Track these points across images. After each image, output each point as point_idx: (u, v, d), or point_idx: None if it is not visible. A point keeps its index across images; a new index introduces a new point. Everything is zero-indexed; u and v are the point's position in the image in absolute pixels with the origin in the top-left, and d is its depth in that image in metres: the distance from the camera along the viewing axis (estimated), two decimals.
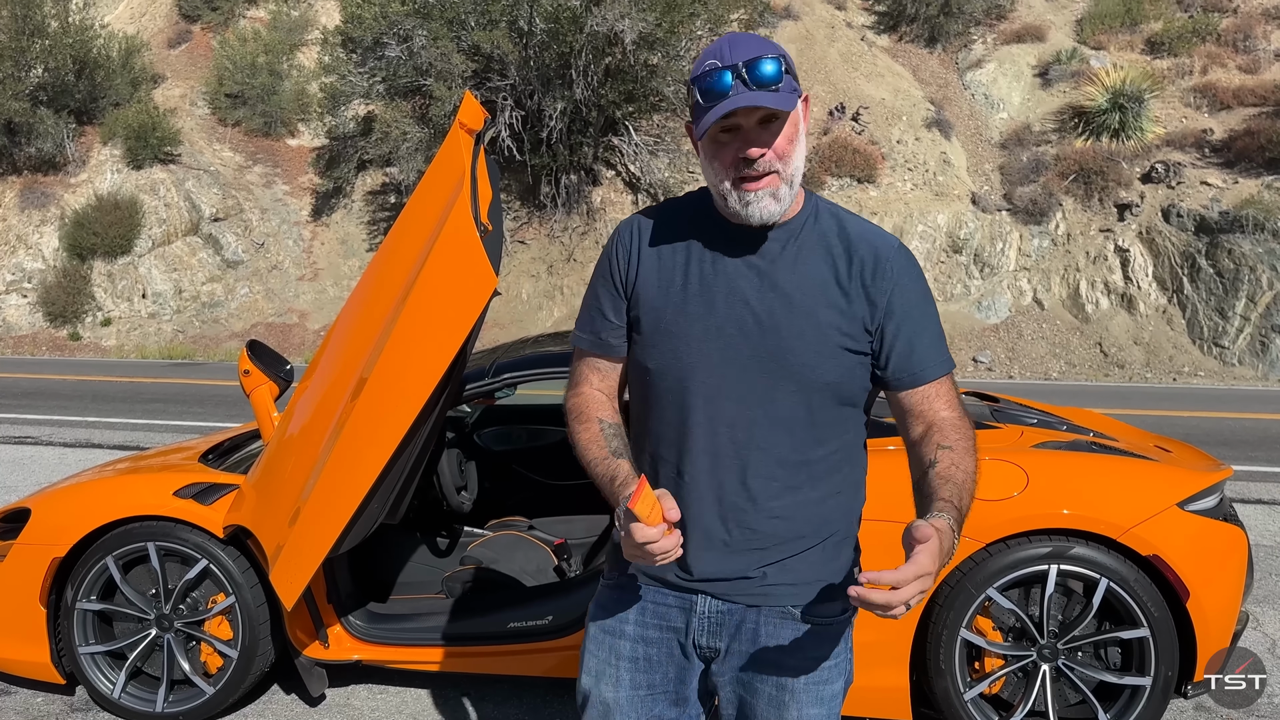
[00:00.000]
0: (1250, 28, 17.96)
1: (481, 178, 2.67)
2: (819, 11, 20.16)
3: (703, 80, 1.49)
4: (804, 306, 1.57)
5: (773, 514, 1.61)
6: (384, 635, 3.25)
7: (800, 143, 1.56)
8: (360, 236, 19.15)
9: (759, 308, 1.57)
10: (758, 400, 1.58)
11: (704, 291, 1.60)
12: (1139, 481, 2.94)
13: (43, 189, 19.50)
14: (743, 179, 1.52)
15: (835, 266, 1.59)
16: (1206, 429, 8.94)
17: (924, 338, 1.62)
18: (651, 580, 1.68)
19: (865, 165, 16.74)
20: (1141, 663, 2.84)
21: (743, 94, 1.47)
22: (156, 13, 24.63)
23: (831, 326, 1.57)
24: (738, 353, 1.58)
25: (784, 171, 1.53)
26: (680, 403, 1.62)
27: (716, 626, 1.65)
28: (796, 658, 1.61)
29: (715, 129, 1.52)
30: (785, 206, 1.55)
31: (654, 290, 1.64)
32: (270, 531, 2.88)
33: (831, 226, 1.63)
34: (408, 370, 2.54)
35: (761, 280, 1.59)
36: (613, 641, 1.70)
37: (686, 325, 1.60)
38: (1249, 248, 14.22)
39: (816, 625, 1.63)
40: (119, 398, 11.28)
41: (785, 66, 1.50)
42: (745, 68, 1.47)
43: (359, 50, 17.10)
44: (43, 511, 3.31)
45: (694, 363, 1.60)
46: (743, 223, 1.57)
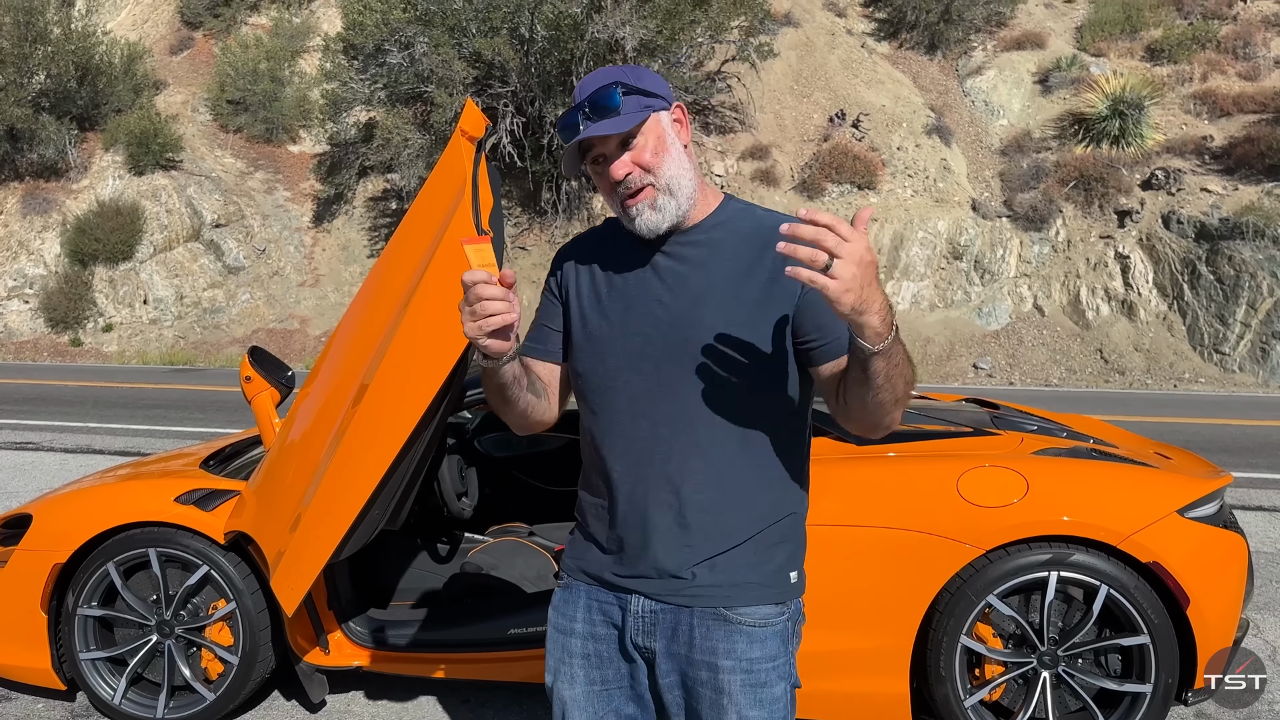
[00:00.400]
0: (1250, 35, 18.00)
1: (483, 185, 2.67)
2: (819, 19, 20.21)
3: (560, 124, 1.64)
4: (715, 301, 1.63)
5: (699, 508, 1.63)
6: (384, 642, 3.25)
7: (671, 153, 1.64)
8: (361, 243, 19.17)
9: (674, 307, 1.65)
10: (677, 396, 1.63)
11: (624, 297, 1.70)
12: (1139, 488, 2.95)
13: (45, 195, 19.54)
14: (624, 198, 1.64)
15: (749, 259, 1.64)
16: (1207, 435, 8.94)
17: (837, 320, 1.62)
18: (591, 580, 1.74)
19: (865, 172, 16.77)
20: (1142, 670, 2.84)
21: (587, 127, 1.59)
22: (159, 19, 24.70)
23: (744, 318, 1.61)
24: (655, 350, 1.65)
25: (657, 182, 1.62)
26: (606, 403, 1.70)
27: (650, 627, 1.68)
28: (731, 660, 1.62)
29: (588, 164, 1.67)
30: (671, 213, 1.64)
31: (583, 302, 1.76)
32: (271, 537, 2.88)
33: (745, 222, 1.70)
34: (409, 377, 2.55)
35: (675, 280, 1.67)
36: (565, 640, 1.76)
37: (608, 330, 1.70)
38: (1249, 254, 14.23)
39: (752, 627, 1.64)
40: (120, 403, 11.29)
41: (626, 89, 1.60)
42: (588, 103, 1.59)
43: (361, 57, 17.14)
44: (44, 517, 3.32)
45: (616, 364, 1.68)
46: (644, 236, 1.67)
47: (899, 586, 2.89)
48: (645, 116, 1.61)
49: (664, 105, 1.65)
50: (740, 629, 1.63)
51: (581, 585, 1.75)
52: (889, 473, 3.03)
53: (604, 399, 1.70)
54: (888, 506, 2.92)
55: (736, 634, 1.63)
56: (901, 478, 3.00)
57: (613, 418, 1.69)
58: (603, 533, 1.72)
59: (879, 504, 2.92)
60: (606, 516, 1.71)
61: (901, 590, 2.89)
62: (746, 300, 1.62)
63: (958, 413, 3.88)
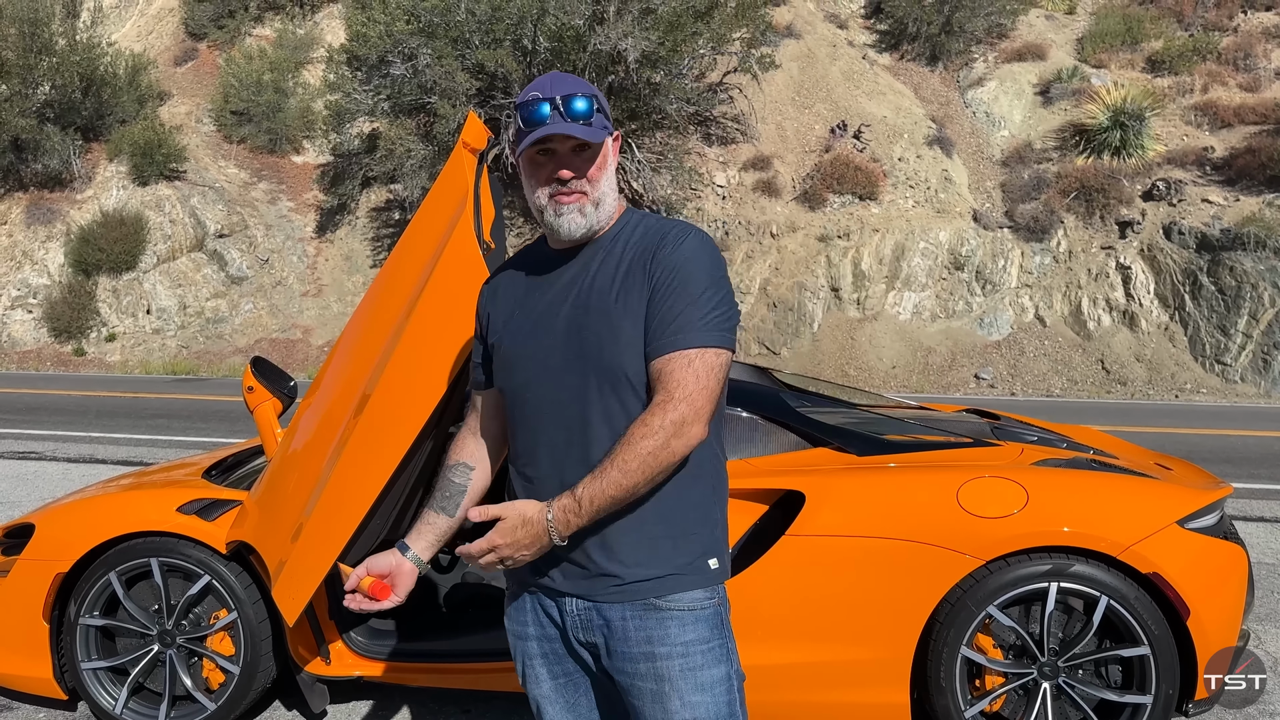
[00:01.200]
0: (1250, 46, 18.05)
1: (485, 196, 2.69)
2: (821, 30, 20.28)
3: (525, 109, 1.71)
4: (600, 306, 1.72)
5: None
6: (385, 651, 3.25)
7: (609, 172, 1.78)
8: (364, 253, 19.22)
9: (568, 316, 1.75)
10: (579, 400, 1.71)
11: (530, 313, 1.81)
12: (1139, 499, 2.95)
13: (49, 205, 19.60)
14: (557, 194, 1.73)
15: (630, 263, 1.74)
16: (1209, 446, 8.93)
17: (670, 306, 1.68)
18: (530, 588, 1.82)
19: (867, 183, 16.80)
20: (1142, 681, 2.84)
21: (558, 123, 1.69)
22: (163, 31, 24.82)
23: (624, 318, 1.70)
24: (555, 359, 1.74)
25: (591, 193, 1.74)
26: (522, 415, 1.80)
27: (587, 624, 1.75)
28: (666, 645, 1.69)
29: (533, 151, 1.74)
30: (592, 223, 1.75)
31: (499, 324, 1.88)
32: (273, 547, 2.89)
33: (638, 231, 1.79)
34: (411, 387, 2.56)
35: (574, 291, 1.77)
36: (523, 645, 1.86)
37: (519, 345, 1.81)
38: (1250, 265, 14.24)
39: (682, 612, 1.70)
40: (123, 413, 11.31)
41: (597, 106, 1.73)
42: (562, 102, 1.69)
43: (364, 68, 17.21)
44: (46, 527, 3.32)
45: (527, 378, 1.78)
46: (557, 238, 1.79)
47: (899, 597, 2.89)
48: (605, 136, 1.74)
49: (611, 131, 1.78)
50: (671, 615, 1.70)
51: (524, 594, 1.84)
52: (889, 483, 3.03)
53: (520, 412, 1.80)
54: (888, 517, 2.92)
55: (668, 620, 1.70)
56: (901, 488, 3.00)
57: (529, 429, 1.78)
58: None
59: (879, 514, 2.93)
60: None
61: (902, 601, 2.90)
62: (624, 301, 1.70)
63: (958, 423, 3.88)
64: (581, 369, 1.71)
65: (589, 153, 1.74)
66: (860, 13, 21.59)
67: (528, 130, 1.71)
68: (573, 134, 1.68)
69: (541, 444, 1.76)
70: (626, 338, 1.69)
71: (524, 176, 1.80)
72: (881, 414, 3.72)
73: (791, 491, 2.96)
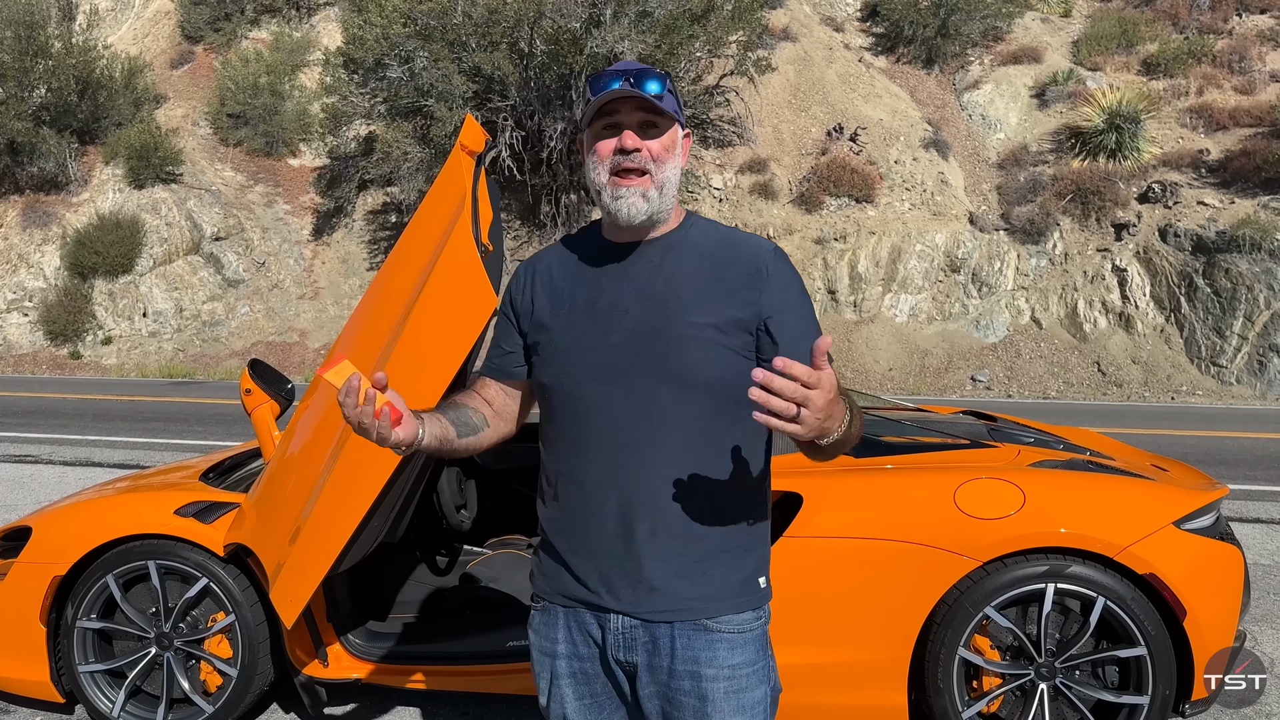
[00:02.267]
0: (1245, 49, 18.10)
1: (482, 199, 2.70)
2: (817, 33, 20.31)
3: (595, 81, 1.66)
4: (679, 310, 1.65)
5: (673, 517, 1.64)
6: (383, 654, 3.25)
7: (676, 161, 1.70)
8: (361, 255, 19.21)
9: (638, 315, 1.66)
10: (646, 405, 1.64)
11: (589, 308, 1.71)
12: (1135, 500, 2.96)
13: (45, 208, 19.58)
14: (619, 172, 1.64)
15: (712, 271, 1.68)
16: (1205, 448, 8.95)
17: (805, 334, 1.66)
18: (570, 602, 1.73)
19: (863, 185, 16.82)
20: (1139, 681, 2.84)
21: (628, 90, 1.62)
22: (159, 34, 24.81)
23: (709, 326, 1.63)
24: (622, 360, 1.65)
25: (656, 175, 1.66)
26: (575, 415, 1.70)
27: (631, 642, 1.68)
28: (714, 668, 1.64)
29: (598, 125, 1.66)
30: (654, 209, 1.66)
31: (546, 314, 1.76)
32: (270, 550, 2.89)
33: (708, 236, 1.75)
34: (409, 389, 2.55)
35: (641, 289, 1.69)
36: (550, 662, 1.76)
37: (574, 340, 1.70)
38: (1246, 267, 14.27)
39: (731, 634, 1.66)
40: (119, 416, 11.29)
41: (670, 89, 1.67)
42: (635, 75, 1.63)
43: (360, 71, 17.21)
44: (43, 530, 3.32)
45: (583, 375, 1.68)
46: (615, 224, 1.69)
47: (897, 598, 2.90)
48: (675, 120, 1.68)
49: (684, 122, 1.72)
50: (720, 637, 1.65)
51: (558, 608, 1.74)
52: (886, 485, 3.04)
53: (573, 412, 1.70)
54: (885, 518, 2.93)
55: (718, 642, 1.65)
56: (899, 490, 3.01)
57: (583, 430, 1.69)
58: (573, 546, 1.71)
59: (876, 516, 2.93)
60: (578, 534, 1.70)
61: (899, 602, 2.90)
62: (710, 309, 1.64)
63: (955, 425, 3.89)
64: (653, 371, 1.64)
65: (656, 131, 1.66)
66: (856, 16, 21.63)
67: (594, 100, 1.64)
68: (643, 93, 1.61)
69: (596, 444, 1.67)
70: (712, 343, 1.63)
71: (585, 156, 1.71)
72: (878, 415, 3.72)
73: (789, 493, 2.96)
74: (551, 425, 1.75)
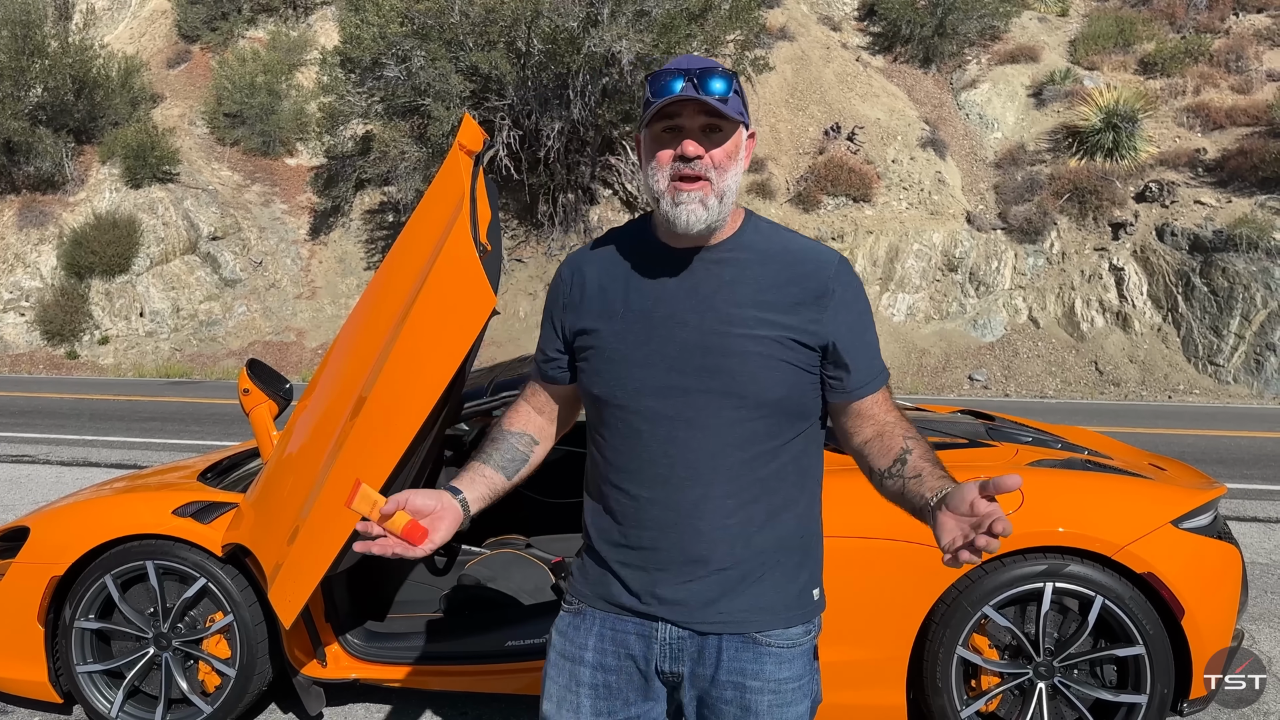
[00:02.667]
0: (1242, 48, 18.12)
1: (480, 198, 2.69)
2: (814, 33, 20.31)
3: (656, 81, 1.56)
4: (742, 325, 1.58)
5: (729, 532, 1.60)
6: (381, 654, 3.25)
7: (738, 166, 1.60)
8: (358, 255, 19.20)
9: (699, 328, 1.60)
10: (705, 421, 1.59)
11: (644, 317, 1.63)
12: (1133, 499, 2.96)
13: (41, 208, 19.55)
14: (679, 179, 1.56)
15: (776, 284, 1.61)
16: (1202, 447, 8.96)
17: (871, 350, 1.67)
18: (612, 608, 1.68)
19: (861, 184, 16.83)
20: (1137, 680, 2.85)
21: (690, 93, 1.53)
22: (156, 33, 24.77)
23: (771, 342, 1.58)
24: (681, 375, 1.59)
25: (716, 183, 1.56)
26: (629, 428, 1.64)
27: (678, 652, 1.64)
28: (760, 680, 1.61)
29: (658, 128, 1.58)
30: (713, 217, 1.58)
31: (596, 319, 1.68)
32: (269, 550, 2.88)
33: (770, 244, 1.66)
34: (407, 389, 2.56)
35: (701, 301, 1.61)
36: (572, 668, 1.70)
37: (628, 351, 1.63)
38: (1243, 266, 14.29)
39: (780, 649, 1.63)
40: (116, 416, 11.28)
41: (736, 89, 1.56)
42: (698, 76, 1.53)
43: (357, 70, 17.19)
44: (41, 530, 3.32)
45: (638, 388, 1.62)
46: (673, 232, 1.60)
47: (895, 597, 2.90)
48: (739, 122, 1.58)
49: (747, 124, 1.63)
50: (769, 651, 1.62)
51: (596, 612, 1.70)
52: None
53: (627, 424, 1.64)
54: (883, 517, 2.92)
55: (765, 656, 1.62)
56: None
57: (637, 443, 1.63)
58: (627, 559, 1.66)
59: (875, 515, 2.93)
60: (631, 542, 1.65)
61: (898, 601, 2.90)
62: (773, 323, 1.58)
63: (953, 424, 3.90)
64: (712, 387, 1.58)
65: (720, 135, 1.56)
66: (854, 15, 21.64)
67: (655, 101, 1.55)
68: (706, 99, 1.51)
69: (651, 461, 1.62)
70: (777, 359, 1.57)
71: (643, 159, 1.63)
72: None
73: None
74: (603, 437, 1.69)
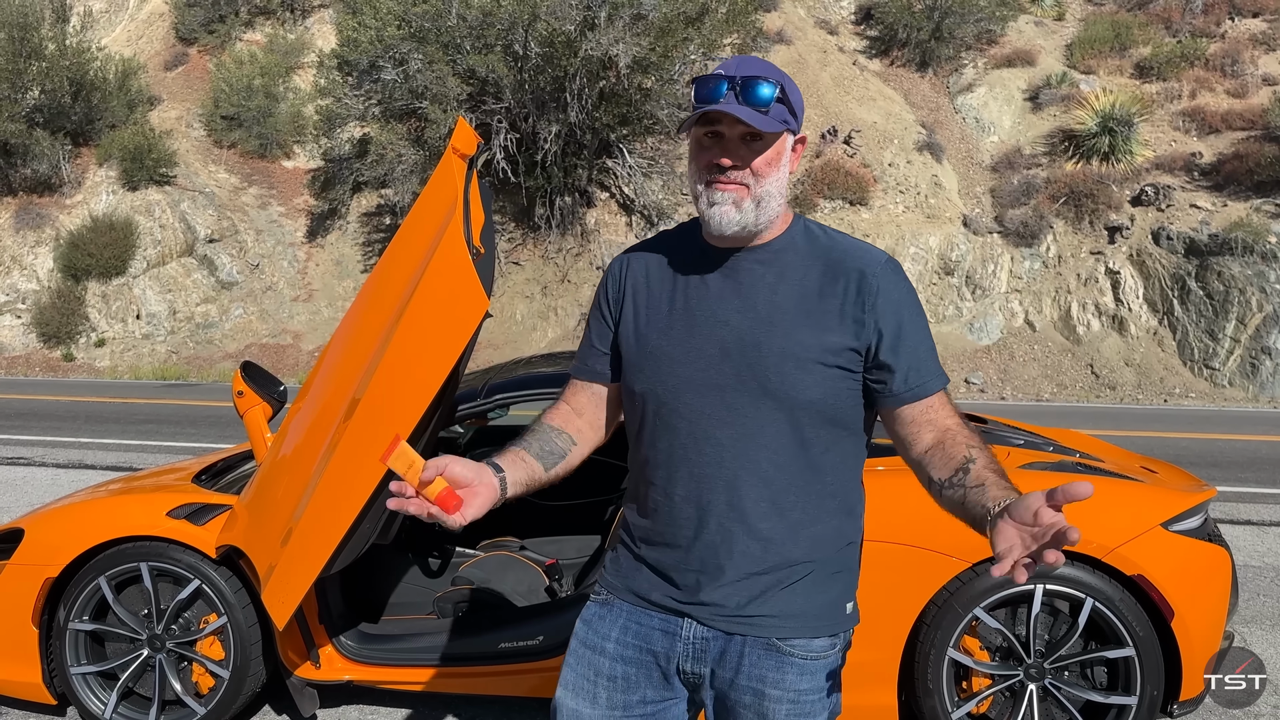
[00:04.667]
0: (1238, 52, 18.16)
1: (474, 201, 2.71)
2: (811, 36, 20.35)
3: (701, 84, 1.56)
4: (784, 326, 1.58)
5: (761, 536, 1.59)
6: (375, 655, 3.26)
7: (780, 173, 1.60)
8: (355, 257, 19.19)
9: (740, 328, 1.60)
10: (742, 421, 1.59)
11: (686, 315, 1.64)
12: (1124, 502, 2.98)
13: (38, 210, 19.54)
14: (714, 179, 1.57)
15: (819, 285, 1.61)
16: (1197, 450, 8.99)
17: (920, 352, 1.62)
18: (640, 601, 1.68)
19: (857, 187, 16.86)
20: (1127, 682, 2.86)
21: (730, 104, 1.52)
22: (153, 35, 24.78)
23: (814, 345, 1.57)
24: (720, 374, 1.59)
25: (754, 188, 1.57)
26: (666, 425, 1.64)
27: (700, 653, 1.64)
28: (780, 690, 1.59)
29: (700, 132, 1.59)
30: (747, 221, 1.58)
31: (641, 317, 1.70)
32: (262, 552, 2.89)
33: (816, 246, 1.65)
34: (400, 392, 2.57)
35: (743, 301, 1.61)
36: (593, 657, 1.70)
37: (669, 348, 1.64)
38: (1238, 270, 14.32)
39: (804, 659, 1.61)
40: (112, 418, 11.27)
41: (781, 96, 1.56)
42: (742, 83, 1.53)
43: (355, 73, 17.20)
44: (36, 532, 3.32)
45: (678, 385, 1.62)
46: (709, 231, 1.63)
47: (887, 599, 2.91)
48: (781, 131, 1.58)
49: (795, 128, 1.62)
50: (791, 660, 1.60)
51: (624, 605, 1.70)
52: (877, 486, 3.03)
53: (665, 421, 1.64)
54: (875, 520, 2.92)
55: (787, 665, 1.60)
56: (889, 491, 3.01)
57: (674, 441, 1.63)
58: (659, 556, 1.67)
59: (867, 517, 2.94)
60: (664, 540, 1.66)
61: (889, 603, 2.91)
62: (816, 326, 1.58)
63: None
64: (751, 388, 1.57)
65: (760, 144, 1.56)
66: (850, 19, 21.67)
67: (698, 106, 1.55)
68: (739, 116, 1.50)
69: (685, 459, 1.62)
70: (815, 362, 1.56)
71: (689, 159, 1.64)
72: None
73: None
74: (641, 434, 1.69)
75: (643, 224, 17.39)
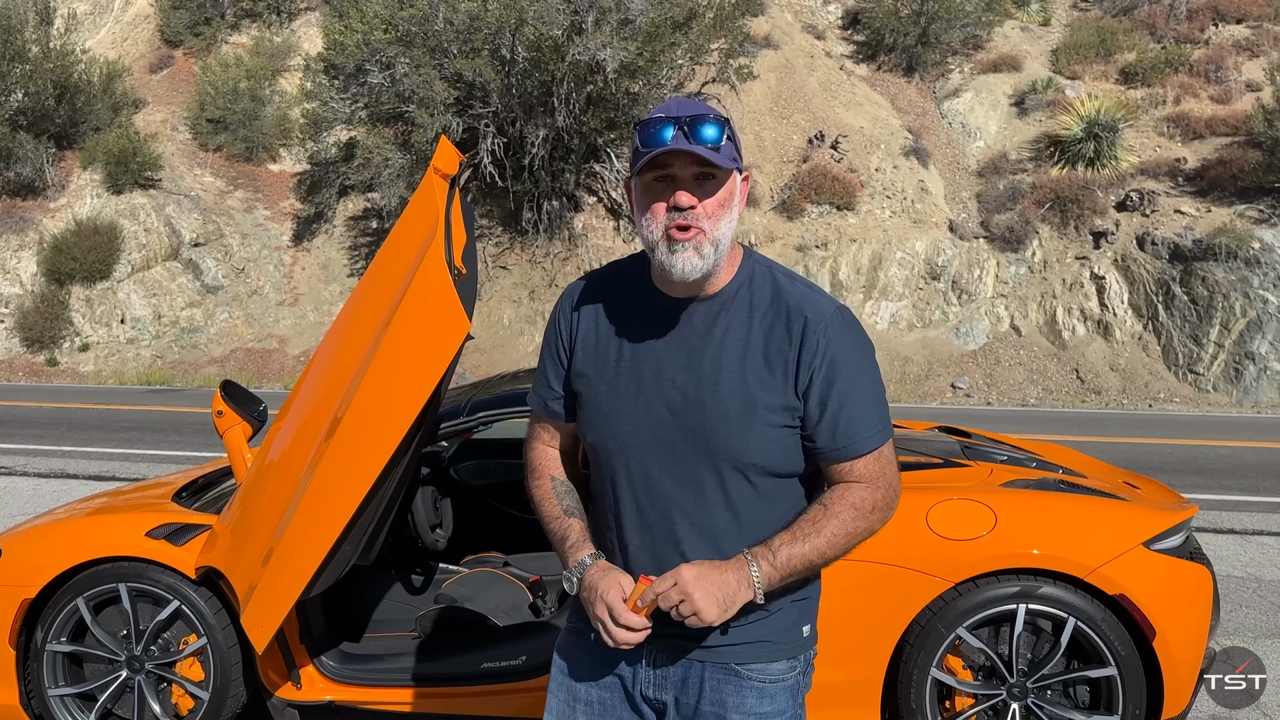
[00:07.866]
0: (1222, 59, 18.28)
1: (456, 221, 2.70)
2: (798, 41, 20.38)
3: (645, 129, 1.54)
4: (729, 385, 1.58)
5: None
6: (357, 676, 3.24)
7: (732, 214, 1.59)
8: (341, 262, 19.12)
9: (686, 386, 1.60)
10: (689, 478, 1.60)
11: (634, 370, 1.65)
12: (1106, 521, 2.98)
13: (21, 213, 19.39)
14: (672, 227, 1.54)
15: (764, 339, 1.60)
16: (1181, 457, 9.03)
17: (855, 408, 1.59)
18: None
19: (844, 192, 16.89)
20: (1110, 701, 2.87)
21: (680, 143, 1.51)
22: (138, 38, 24.64)
23: (759, 404, 1.57)
24: (668, 431, 1.61)
25: (710, 232, 1.55)
26: (616, 478, 1.67)
27: (661, 680, 1.67)
28: (741, 714, 1.63)
29: (649, 177, 1.56)
30: (709, 265, 1.56)
31: (590, 365, 1.70)
32: (242, 572, 2.87)
33: (765, 294, 1.64)
34: (381, 412, 2.56)
35: (689, 357, 1.61)
36: (570, 684, 1.75)
37: (617, 404, 1.65)
38: (1222, 275, 14.41)
39: (763, 683, 1.64)
40: (95, 426, 11.19)
41: (728, 135, 1.55)
42: (688, 123, 1.52)
43: (341, 77, 17.13)
44: (13, 551, 3.29)
45: (626, 441, 1.64)
46: (668, 280, 1.60)
47: (870, 619, 2.91)
48: (733, 169, 1.57)
49: (741, 166, 1.61)
50: (751, 684, 1.63)
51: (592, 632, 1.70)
52: None
53: (616, 474, 1.66)
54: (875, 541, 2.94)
55: (747, 689, 1.63)
56: None
57: (625, 492, 1.66)
58: None
59: None
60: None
61: (872, 623, 2.91)
62: (759, 384, 1.57)
63: (929, 443, 3.91)
64: (699, 447, 1.58)
65: (713, 183, 1.55)
66: (838, 24, 21.73)
67: (646, 150, 1.52)
68: (699, 153, 1.49)
69: (637, 512, 1.65)
70: (760, 422, 1.57)
71: (635, 207, 1.61)
72: None
73: None
74: (595, 480, 1.74)
75: (630, 228, 17.38)
